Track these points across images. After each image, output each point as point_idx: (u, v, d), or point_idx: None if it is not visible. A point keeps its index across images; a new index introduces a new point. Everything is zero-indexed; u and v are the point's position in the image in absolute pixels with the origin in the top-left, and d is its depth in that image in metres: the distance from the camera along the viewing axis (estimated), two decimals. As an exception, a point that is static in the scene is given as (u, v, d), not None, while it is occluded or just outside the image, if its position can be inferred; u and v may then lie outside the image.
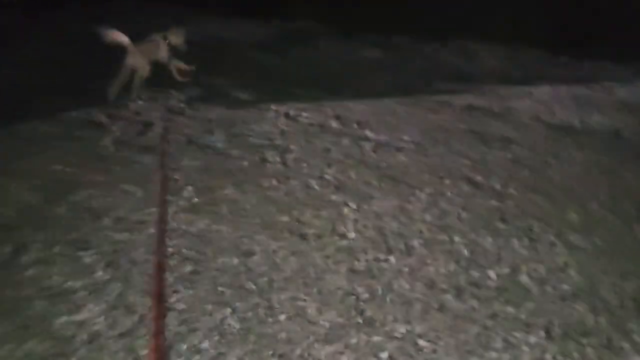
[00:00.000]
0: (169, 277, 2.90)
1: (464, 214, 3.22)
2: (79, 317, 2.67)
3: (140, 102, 4.88)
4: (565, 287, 2.70)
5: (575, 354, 2.42)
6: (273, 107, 4.59)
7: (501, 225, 3.12)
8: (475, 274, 2.80)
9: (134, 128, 4.47)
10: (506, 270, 2.80)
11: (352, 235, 3.11)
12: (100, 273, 2.97)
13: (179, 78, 5.03)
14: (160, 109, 4.74)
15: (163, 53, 4.98)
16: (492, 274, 2.79)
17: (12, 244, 3.25)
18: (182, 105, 4.75)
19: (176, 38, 4.96)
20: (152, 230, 3.28)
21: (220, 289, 2.81)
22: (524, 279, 2.75)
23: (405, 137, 4.04)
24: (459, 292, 2.69)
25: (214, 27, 5.61)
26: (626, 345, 2.48)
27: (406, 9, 6.38)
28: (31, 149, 4.26)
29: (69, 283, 2.91)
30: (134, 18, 7.42)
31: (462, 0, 6.21)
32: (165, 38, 4.97)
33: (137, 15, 7.54)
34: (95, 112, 4.77)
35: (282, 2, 7.11)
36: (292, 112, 4.48)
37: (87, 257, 3.09)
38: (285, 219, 3.29)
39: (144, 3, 7.74)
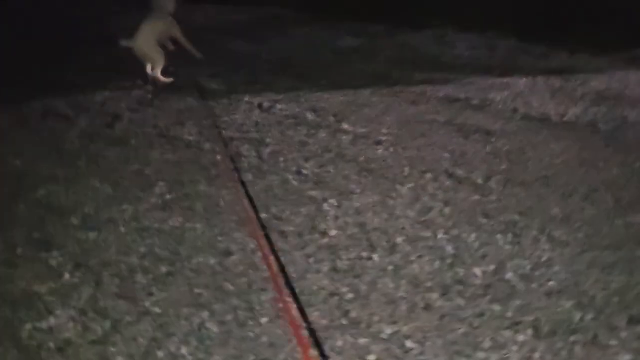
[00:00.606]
0: (143, 279, 2.76)
1: (446, 210, 3.15)
2: (46, 324, 2.50)
3: (106, 93, 4.68)
4: (551, 283, 2.65)
5: (564, 353, 2.37)
6: (246, 98, 4.44)
7: (484, 221, 3.05)
8: (460, 271, 2.72)
9: (101, 120, 4.27)
10: (492, 268, 2.74)
11: (333, 232, 3.01)
12: (68, 276, 2.80)
13: (197, 54, 4.90)
14: (127, 100, 4.56)
15: (176, 30, 4.92)
16: (477, 271, 2.72)
17: (-29, 246, 3.06)
18: (150, 96, 4.57)
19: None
20: (122, 229, 3.12)
21: (197, 290, 2.67)
22: (509, 276, 2.69)
23: (384, 130, 3.95)
24: (445, 291, 2.61)
25: (182, 13, 5.38)
26: (614, 342, 2.44)
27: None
28: (-13, 143, 4.04)
29: (35, 287, 2.74)
30: (92, 5, 7.20)
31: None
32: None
33: (93, 2, 7.32)
34: (58, 103, 4.56)
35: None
36: (266, 104, 4.35)
37: (53, 259, 2.92)
38: (263, 216, 3.17)
39: None
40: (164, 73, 4.84)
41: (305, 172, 3.54)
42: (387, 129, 3.96)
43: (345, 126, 4.01)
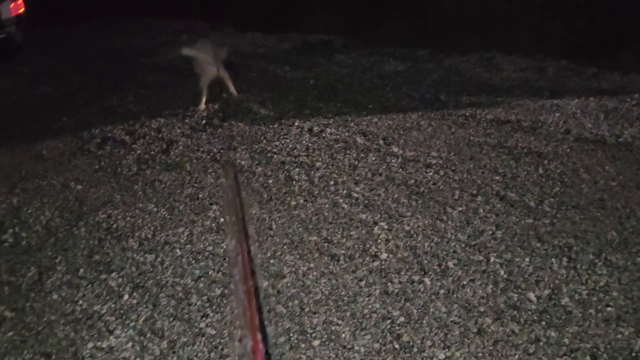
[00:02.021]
0: (197, 301, 2.83)
1: (498, 233, 3.12)
2: (106, 343, 2.60)
3: (161, 120, 4.84)
4: (609, 309, 2.58)
5: (624, 381, 2.31)
6: (296, 122, 4.52)
7: (537, 244, 3.01)
8: (514, 296, 2.69)
9: (156, 146, 4.42)
10: (546, 292, 2.69)
11: (384, 255, 3.02)
12: (126, 297, 2.91)
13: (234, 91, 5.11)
14: (181, 126, 4.70)
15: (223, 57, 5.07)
16: (531, 296, 2.68)
17: (36, 267, 3.22)
18: (203, 122, 4.70)
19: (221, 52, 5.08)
20: (178, 251, 3.22)
21: (249, 312, 2.72)
22: (565, 301, 2.64)
23: (433, 153, 3.95)
24: (498, 316, 2.58)
25: (232, 42, 5.55)
26: (676, 371, 2.37)
27: (426, 21, 6.32)
28: (50, 168, 4.25)
29: (95, 307, 2.85)
30: (149, 34, 7.48)
31: (483, 12, 6.13)
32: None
33: (151, 31, 7.60)
34: (116, 130, 4.74)
35: (301, 15, 7.08)
36: (316, 128, 4.41)
37: (113, 280, 3.03)
38: (314, 238, 3.21)
39: (155, 21, 7.78)
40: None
41: (355, 195, 3.57)
42: (436, 152, 3.95)
43: (394, 149, 4.03)
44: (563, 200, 3.35)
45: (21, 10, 6.46)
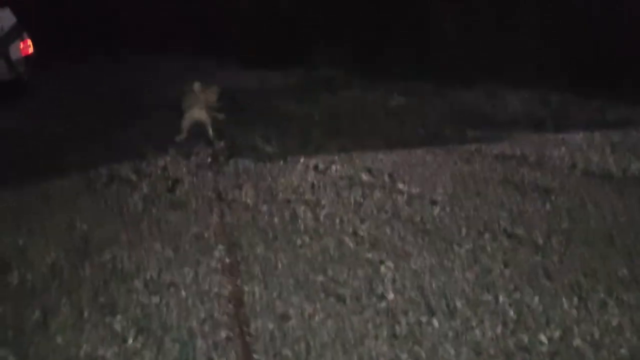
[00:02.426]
0: (203, 344, 2.79)
1: (506, 271, 3.08)
2: (110, 389, 2.56)
3: (167, 158, 4.86)
4: (622, 351, 2.53)
5: None
6: (301, 160, 4.53)
7: (547, 283, 2.97)
8: (524, 337, 2.64)
9: (162, 184, 4.43)
10: (557, 333, 2.64)
11: (391, 296, 2.98)
12: (131, 340, 2.87)
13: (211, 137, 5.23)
14: (187, 164, 4.72)
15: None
16: (542, 337, 2.63)
17: (40, 309, 3.18)
18: (209, 159, 4.71)
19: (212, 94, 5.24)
20: (183, 293, 3.19)
21: (256, 356, 2.69)
22: (577, 342, 2.59)
23: (439, 189, 3.94)
24: (508, 358, 2.53)
25: (236, 78, 5.61)
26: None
27: (430, 53, 6.38)
28: (56, 207, 4.25)
29: (100, 351, 2.81)
30: (155, 71, 7.57)
31: (485, 44, 6.18)
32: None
33: (157, 67, 7.69)
34: (122, 168, 4.76)
35: (306, 50, 7.16)
36: (321, 165, 4.41)
37: (117, 323, 3.00)
38: (320, 278, 3.18)
39: (161, 56, 7.88)
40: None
41: (361, 233, 3.55)
42: (442, 188, 3.94)
43: (400, 186, 4.02)
44: (571, 237, 3.32)
45: (30, 50, 6.56)
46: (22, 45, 6.48)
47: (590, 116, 4.78)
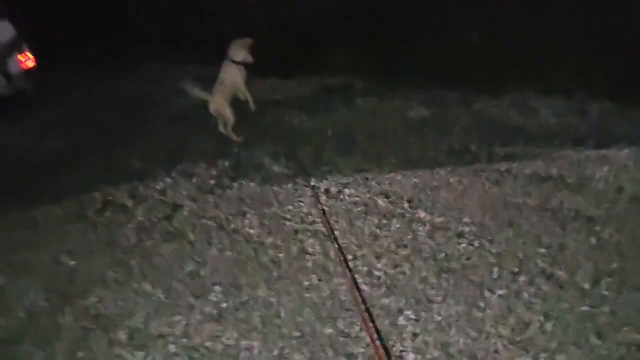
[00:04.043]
0: (189, 417, 2.37)
1: (548, 325, 2.61)
2: None
3: (167, 180, 4.46)
4: None
5: None
6: (312, 182, 4.09)
7: (597, 341, 2.49)
8: (572, 415, 2.18)
9: (159, 211, 4.03)
10: (612, 411, 2.18)
11: (411, 357, 2.53)
12: (107, 411, 2.47)
13: (252, 106, 5.09)
14: (188, 187, 4.31)
15: (241, 80, 5.13)
16: (594, 415, 2.17)
17: (10, 366, 2.79)
18: (212, 182, 4.30)
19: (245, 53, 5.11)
20: (172, 347, 2.78)
21: None
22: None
23: (465, 218, 3.47)
24: None
25: (247, 87, 5.19)
26: None
27: (453, 59, 5.90)
28: (42, 238, 3.89)
29: None
30: (162, 80, 7.19)
31: (514, 47, 5.69)
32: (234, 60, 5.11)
33: (164, 77, 7.31)
34: (118, 192, 4.37)
35: (321, 57, 6.73)
36: (333, 189, 3.98)
37: (94, 388, 2.59)
38: (328, 331, 2.75)
39: (169, 66, 7.51)
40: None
41: (377, 273, 3.10)
42: (469, 217, 3.47)
43: (422, 214, 3.56)
44: (624, 280, 2.83)
45: (30, 64, 6.22)
46: (22, 59, 6.13)
47: (635, 129, 4.25)
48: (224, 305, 3.03)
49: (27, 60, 6.20)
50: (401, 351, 2.56)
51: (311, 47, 6.99)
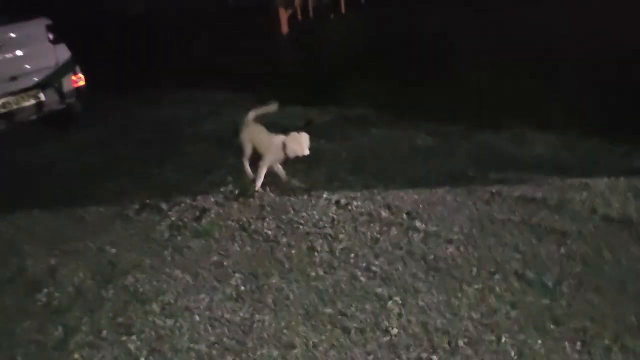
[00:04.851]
0: (209, 368, 2.91)
1: (513, 312, 3.10)
2: (117, 405, 2.70)
3: (197, 189, 5.05)
4: (621, 397, 2.52)
5: None
6: (324, 194, 4.65)
7: (552, 326, 2.97)
8: (523, 378, 2.66)
9: (189, 213, 4.61)
10: (557, 377, 2.65)
11: (395, 330, 3.04)
12: (143, 359, 3.01)
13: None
14: (215, 195, 4.89)
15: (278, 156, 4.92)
16: (541, 379, 2.64)
17: (62, 326, 3.38)
18: (237, 192, 4.88)
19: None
20: (197, 317, 3.33)
21: (257, 382, 2.78)
22: (576, 386, 2.59)
23: (455, 228, 3.98)
24: (504, 398, 2.55)
25: (273, 114, 5.77)
26: None
27: (458, 96, 6.46)
28: (89, 232, 4.48)
29: (112, 369, 2.96)
30: (196, 104, 7.88)
31: (517, 90, 6.23)
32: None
33: (198, 101, 8.00)
34: (153, 197, 4.97)
35: (341, 90, 7.34)
36: (342, 200, 4.52)
37: (132, 343, 3.16)
38: (328, 310, 3.27)
39: (203, 91, 8.20)
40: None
41: (374, 268, 3.62)
42: (459, 228, 3.98)
43: (417, 224, 4.08)
44: (583, 282, 3.31)
45: (81, 83, 6.96)
46: (74, 78, 6.89)
47: (616, 162, 4.72)
48: (242, 288, 3.58)
49: (79, 80, 6.94)
50: (387, 326, 3.07)
51: (332, 82, 7.62)
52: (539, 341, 2.87)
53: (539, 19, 6.54)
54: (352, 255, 3.79)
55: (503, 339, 2.91)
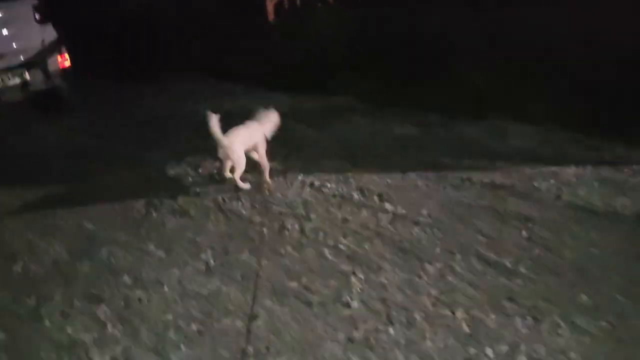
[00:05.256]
0: (174, 336, 3.01)
1: (470, 290, 3.21)
2: (82, 369, 2.81)
3: (177, 169, 5.15)
4: (564, 369, 2.64)
5: None
6: (300, 177, 4.75)
7: (507, 304, 3.08)
8: (472, 350, 2.77)
9: (167, 192, 4.71)
10: (504, 349, 2.76)
11: (355, 304, 3.15)
12: (110, 328, 3.12)
13: (268, 188, 4.66)
14: (195, 176, 4.99)
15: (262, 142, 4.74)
16: (489, 351, 2.76)
17: (36, 297, 3.48)
18: (215, 172, 4.98)
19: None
20: (166, 289, 3.43)
21: (219, 350, 2.89)
22: (521, 358, 2.70)
23: (424, 211, 4.09)
24: (453, 368, 2.67)
25: (260, 102, 5.86)
26: None
27: (443, 88, 6.54)
28: (68, 209, 4.59)
29: (81, 336, 3.08)
30: (189, 94, 7.97)
31: (500, 85, 6.32)
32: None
33: (191, 91, 8.09)
34: (133, 176, 5.07)
35: (327, 80, 7.42)
36: (317, 183, 4.62)
37: (102, 313, 3.26)
38: (294, 285, 3.38)
39: (200, 84, 8.30)
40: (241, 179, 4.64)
41: (341, 247, 3.73)
42: (427, 211, 4.09)
43: (387, 206, 4.19)
44: (541, 264, 3.42)
45: (67, 64, 7.04)
46: (59, 59, 6.97)
47: (587, 154, 4.83)
48: (212, 263, 3.69)
49: (64, 60, 7.02)
50: (348, 301, 3.18)
51: (320, 71, 7.70)
52: (492, 316, 2.99)
53: (538, 18, 6.61)
54: (322, 234, 3.90)
55: (458, 315, 3.02)
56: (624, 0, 5.98)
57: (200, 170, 5.09)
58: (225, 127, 4.51)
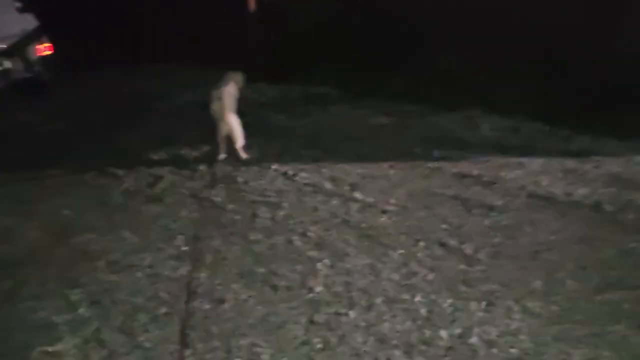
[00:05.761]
0: (143, 317, 3.13)
1: (430, 276, 3.35)
2: (53, 348, 2.92)
3: (155, 158, 5.25)
4: (512, 350, 2.77)
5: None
6: (274, 166, 4.86)
7: (464, 288, 3.22)
8: (427, 332, 2.91)
9: (144, 180, 4.81)
10: (458, 331, 2.90)
11: (319, 289, 3.28)
12: (82, 310, 3.23)
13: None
14: (171, 164, 5.09)
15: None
16: (444, 333, 2.90)
17: (12, 280, 3.59)
18: (191, 161, 5.08)
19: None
20: (139, 274, 3.54)
21: (187, 331, 3.01)
22: (473, 340, 2.84)
23: (392, 200, 4.22)
24: (408, 349, 2.81)
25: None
26: (565, 412, 2.54)
27: (417, 79, 6.64)
28: (45, 194, 4.68)
29: (53, 317, 3.18)
30: (167, 79, 8.02)
31: (474, 75, 6.43)
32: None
33: (170, 76, 8.15)
34: (113, 165, 5.16)
35: (304, 69, 7.49)
36: (290, 172, 4.75)
37: (75, 295, 3.37)
38: (261, 270, 3.50)
39: (174, 67, 8.33)
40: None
41: (309, 234, 3.86)
42: (395, 200, 4.22)
43: (357, 195, 4.32)
44: (500, 251, 3.57)
45: (47, 52, 7.09)
46: (40, 47, 7.02)
47: (554, 145, 4.99)
48: (184, 248, 3.80)
49: (44, 48, 7.07)
50: (312, 285, 3.31)
51: (297, 60, 7.78)
52: (449, 301, 3.13)
53: (518, 7, 6.68)
54: (291, 222, 4.02)
55: (417, 299, 3.16)
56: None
57: (176, 159, 5.18)
58: (206, 115, 4.63)
